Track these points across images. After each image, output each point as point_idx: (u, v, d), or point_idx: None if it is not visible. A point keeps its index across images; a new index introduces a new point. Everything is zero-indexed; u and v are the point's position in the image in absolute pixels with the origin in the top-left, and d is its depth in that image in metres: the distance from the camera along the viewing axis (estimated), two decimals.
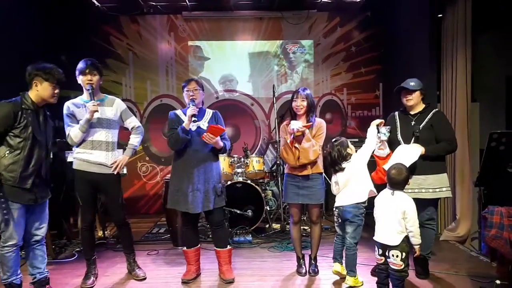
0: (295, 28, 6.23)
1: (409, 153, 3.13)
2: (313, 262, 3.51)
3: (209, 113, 3.47)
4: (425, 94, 3.36)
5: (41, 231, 3.06)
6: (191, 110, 3.22)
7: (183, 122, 3.30)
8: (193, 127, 3.27)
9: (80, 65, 3.24)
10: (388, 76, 6.05)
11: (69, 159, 4.61)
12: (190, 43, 6.25)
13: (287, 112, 3.58)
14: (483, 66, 4.70)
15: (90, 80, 3.21)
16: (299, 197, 3.34)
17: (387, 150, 3.23)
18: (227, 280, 3.34)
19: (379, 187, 3.07)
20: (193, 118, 3.21)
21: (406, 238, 2.77)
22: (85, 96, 3.31)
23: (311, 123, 3.32)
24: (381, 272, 2.89)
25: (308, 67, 6.36)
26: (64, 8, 5.45)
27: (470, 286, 3.22)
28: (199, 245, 3.51)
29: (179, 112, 3.45)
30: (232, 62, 6.31)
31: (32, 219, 3.00)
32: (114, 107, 3.38)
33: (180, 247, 4.21)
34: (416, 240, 2.77)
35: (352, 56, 6.31)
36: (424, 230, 3.26)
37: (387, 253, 2.79)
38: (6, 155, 2.81)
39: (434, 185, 3.23)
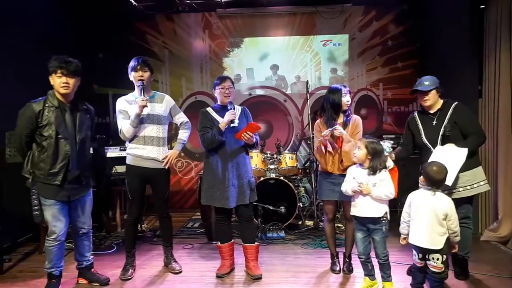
0: (330, 22, 6.14)
1: (454, 157, 2.95)
2: (347, 260, 3.47)
3: (238, 109, 3.49)
4: (442, 91, 3.20)
5: (85, 224, 3.21)
6: (230, 114, 3.25)
7: (215, 119, 3.33)
8: (233, 123, 3.29)
9: (132, 62, 3.35)
10: (426, 71, 5.77)
11: (109, 154, 4.78)
12: (224, 40, 6.30)
13: (323, 109, 3.44)
14: None
15: (141, 76, 3.32)
16: (335, 193, 3.29)
17: (389, 164, 3.04)
18: (255, 276, 3.35)
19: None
20: (232, 125, 3.25)
21: (447, 240, 2.68)
22: (136, 92, 3.40)
23: (340, 134, 3.18)
24: (419, 273, 2.79)
25: (343, 62, 6.27)
26: (101, 8, 5.62)
27: None
28: (233, 240, 3.55)
29: (209, 109, 3.47)
30: (265, 58, 6.31)
31: (74, 213, 3.14)
32: (164, 104, 3.48)
33: (214, 242, 4.27)
34: (458, 238, 2.69)
35: (388, 50, 6.15)
36: (460, 230, 3.15)
37: (427, 256, 2.69)
38: (36, 153, 2.93)
39: (471, 181, 3.11)
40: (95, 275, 3.30)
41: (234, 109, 3.36)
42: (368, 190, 2.87)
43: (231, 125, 3.26)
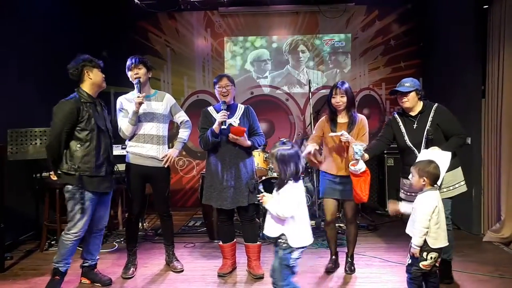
0: (332, 22, 6.11)
1: (440, 160, 2.91)
2: (349, 260, 3.46)
3: (241, 108, 3.45)
4: (422, 94, 3.19)
5: (105, 219, 3.26)
6: (222, 116, 3.20)
7: (215, 120, 3.29)
8: (224, 125, 3.24)
9: (127, 62, 3.37)
10: (428, 71, 5.84)
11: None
12: (226, 38, 6.29)
13: (324, 108, 3.49)
14: None
15: (137, 74, 3.33)
16: (336, 192, 3.29)
17: (360, 167, 2.97)
18: (257, 276, 3.34)
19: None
20: (222, 126, 3.21)
21: None
22: (135, 91, 3.41)
23: (346, 139, 3.12)
24: (420, 281, 2.70)
25: (345, 61, 6.25)
26: (103, 6, 5.61)
27: None
28: (235, 240, 3.54)
29: (211, 109, 3.45)
30: (268, 57, 6.29)
31: (99, 208, 3.16)
32: (164, 102, 3.48)
33: (216, 241, 4.27)
34: None
35: (391, 50, 6.13)
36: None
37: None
38: (78, 148, 2.97)
39: (453, 181, 3.10)
40: (98, 276, 3.29)
41: (228, 109, 3.30)
42: (265, 202, 2.54)
43: (222, 126, 3.21)
